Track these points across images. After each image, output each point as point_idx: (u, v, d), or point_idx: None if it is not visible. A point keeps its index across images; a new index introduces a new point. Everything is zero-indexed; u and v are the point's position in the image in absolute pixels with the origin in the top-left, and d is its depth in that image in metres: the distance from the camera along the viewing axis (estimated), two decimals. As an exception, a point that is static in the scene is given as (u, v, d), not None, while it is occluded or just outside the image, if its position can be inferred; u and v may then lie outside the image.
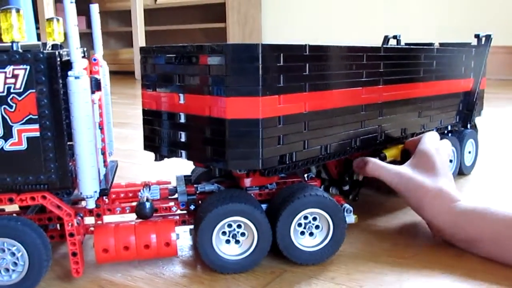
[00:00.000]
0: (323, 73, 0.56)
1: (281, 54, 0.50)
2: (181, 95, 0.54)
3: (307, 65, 0.53)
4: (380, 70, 0.64)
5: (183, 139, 0.54)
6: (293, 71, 0.52)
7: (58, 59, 0.47)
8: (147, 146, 0.60)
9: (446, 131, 0.87)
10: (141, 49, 0.58)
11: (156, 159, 0.59)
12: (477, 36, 0.87)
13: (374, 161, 0.64)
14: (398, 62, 0.67)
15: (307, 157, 0.55)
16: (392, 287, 0.51)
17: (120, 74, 3.34)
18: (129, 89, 2.62)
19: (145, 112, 0.59)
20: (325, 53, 0.56)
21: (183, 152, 0.55)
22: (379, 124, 0.65)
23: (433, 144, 0.66)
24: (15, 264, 0.49)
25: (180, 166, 0.96)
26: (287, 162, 0.53)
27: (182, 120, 0.54)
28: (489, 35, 0.86)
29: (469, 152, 0.91)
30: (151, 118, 0.58)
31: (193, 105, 0.53)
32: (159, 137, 0.57)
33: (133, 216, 0.57)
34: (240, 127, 0.49)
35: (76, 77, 0.47)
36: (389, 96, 0.66)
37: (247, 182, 0.57)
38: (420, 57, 0.72)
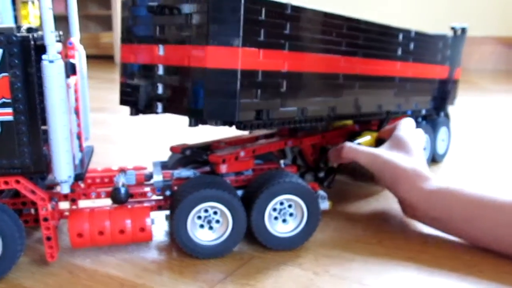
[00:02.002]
0: (304, 35, 0.56)
1: (263, 9, 0.50)
2: (161, 46, 0.54)
3: (288, 24, 0.53)
4: (359, 42, 0.64)
5: (160, 91, 0.54)
6: (274, 28, 0.52)
7: (33, 42, 0.46)
8: (123, 101, 0.59)
9: (420, 118, 0.88)
10: (123, 2, 0.58)
11: (131, 114, 0.59)
12: (453, 28, 0.88)
13: (349, 144, 0.65)
14: (377, 38, 0.68)
15: (284, 116, 0.55)
16: (358, 272, 0.51)
17: (100, 58, 3.30)
18: (108, 73, 2.58)
19: (123, 66, 0.59)
20: (307, 16, 0.56)
21: (160, 105, 0.54)
22: (356, 96, 0.66)
23: (408, 130, 0.67)
24: (-12, 248, 0.48)
25: (157, 152, 0.95)
26: (263, 118, 0.53)
27: (161, 72, 0.54)
28: (465, 28, 0.87)
29: (442, 140, 0.92)
30: (129, 71, 0.58)
31: (173, 56, 0.52)
32: (136, 90, 0.57)
33: (108, 201, 0.57)
34: (218, 77, 0.49)
35: (50, 61, 0.46)
36: (367, 69, 0.67)
37: (223, 168, 0.57)
38: (398, 36, 0.72)
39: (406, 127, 0.67)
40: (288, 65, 0.54)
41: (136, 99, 0.57)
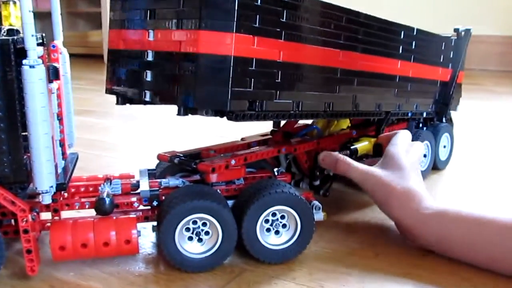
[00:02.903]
0: (301, 25, 0.56)
1: None
2: (151, 31, 0.53)
3: (285, 11, 0.53)
4: (359, 36, 0.64)
5: (149, 78, 0.54)
6: (270, 14, 0.52)
7: (12, 46, 0.46)
8: (110, 90, 0.59)
9: (420, 124, 0.88)
10: None
11: (117, 103, 0.59)
12: (456, 30, 0.88)
13: (342, 158, 0.65)
14: (377, 33, 0.68)
15: (278, 109, 0.55)
16: (355, 288, 0.51)
17: (89, 57, 3.29)
18: (97, 74, 2.58)
19: (110, 53, 0.59)
20: (305, 5, 0.56)
21: (148, 93, 0.54)
22: (354, 93, 0.66)
23: (403, 145, 0.66)
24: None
25: (145, 159, 0.95)
26: (257, 110, 0.53)
27: (150, 58, 0.54)
28: (469, 29, 0.87)
29: (444, 147, 0.92)
30: (116, 58, 0.58)
31: (163, 41, 0.52)
32: (123, 78, 0.57)
33: (93, 211, 0.56)
34: (211, 63, 0.49)
35: (31, 66, 0.46)
36: (366, 66, 0.67)
37: (213, 177, 0.57)
38: (400, 33, 0.72)
39: (401, 142, 0.67)
40: (283, 55, 0.54)
41: (124, 87, 0.57)
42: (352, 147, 0.71)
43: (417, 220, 0.58)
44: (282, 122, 0.74)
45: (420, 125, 0.88)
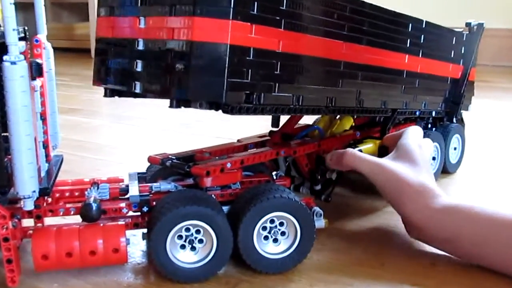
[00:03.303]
0: (302, 13, 0.56)
1: None
2: (142, 18, 0.53)
3: None
4: (363, 28, 0.65)
5: (139, 69, 0.54)
6: (269, 1, 0.52)
7: (-8, 40, 0.46)
8: (97, 80, 0.59)
9: (429, 125, 0.88)
10: None
11: (105, 95, 0.59)
12: (468, 24, 0.89)
13: (351, 151, 0.65)
14: (383, 25, 0.68)
15: (277, 102, 0.55)
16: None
17: (75, 51, 3.29)
18: (84, 69, 2.58)
19: (98, 41, 0.59)
20: None
21: (138, 84, 0.54)
22: (358, 88, 0.66)
23: (415, 139, 0.67)
24: None
25: (135, 161, 0.95)
26: (254, 103, 0.53)
27: (141, 46, 0.54)
28: (481, 24, 0.88)
29: (455, 149, 0.92)
30: (104, 47, 0.58)
31: (155, 29, 0.52)
32: (111, 68, 0.57)
33: (78, 218, 0.57)
34: (206, 51, 0.49)
35: (12, 63, 0.46)
36: (371, 59, 0.67)
37: (208, 181, 0.57)
38: (407, 26, 0.73)
39: (413, 136, 0.67)
40: (283, 45, 0.54)
41: (112, 79, 0.57)
42: (356, 149, 0.71)
43: (426, 215, 0.59)
44: (281, 123, 0.74)
45: (429, 125, 0.89)
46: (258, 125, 0.68)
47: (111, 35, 0.57)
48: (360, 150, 0.71)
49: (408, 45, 0.73)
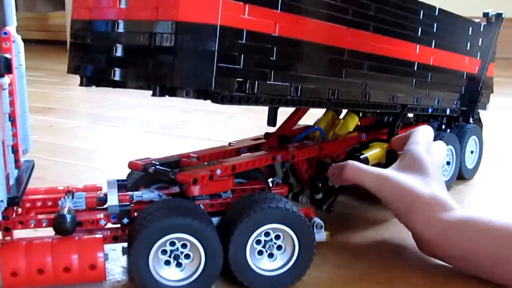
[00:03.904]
0: None
1: None
2: None
3: None
4: (370, 12, 0.65)
5: (119, 54, 0.54)
6: None
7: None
8: (72, 68, 0.60)
9: (443, 126, 0.88)
10: None
11: (81, 84, 0.59)
12: (485, 14, 0.89)
13: (351, 163, 0.65)
14: (392, 11, 0.68)
15: (273, 92, 0.56)
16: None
17: (49, 44, 3.30)
18: (59, 64, 2.58)
19: (74, 24, 0.59)
20: None
21: (118, 71, 0.54)
22: (364, 80, 0.66)
23: (423, 143, 0.67)
24: None
25: (114, 168, 0.95)
26: (247, 92, 0.53)
27: (121, 29, 0.54)
28: (500, 14, 0.88)
29: (471, 152, 0.92)
30: (81, 31, 0.58)
31: (137, 9, 0.52)
32: (88, 54, 0.57)
33: (51, 230, 0.57)
34: (193, 33, 0.49)
35: (-23, 58, 0.46)
36: (379, 48, 0.68)
37: (195, 190, 0.57)
38: (418, 13, 0.73)
39: (422, 139, 0.67)
40: (280, 29, 0.55)
41: (89, 65, 0.57)
42: (361, 156, 0.71)
43: (438, 230, 0.59)
44: (279, 123, 0.74)
45: (443, 126, 0.89)
46: (252, 126, 0.68)
47: (89, 17, 0.57)
48: (366, 158, 0.71)
49: (419, 34, 0.74)
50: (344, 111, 0.80)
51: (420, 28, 0.74)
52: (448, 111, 0.86)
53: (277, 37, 0.54)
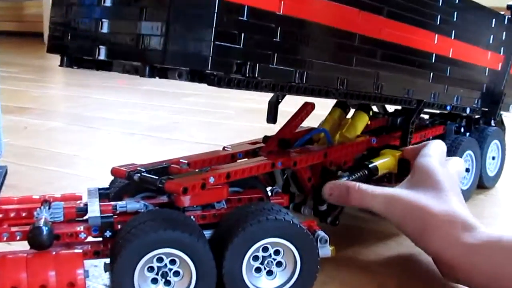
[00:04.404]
0: None
1: None
2: None
3: None
4: None
5: (105, 30, 0.54)
6: None
7: None
8: (52, 47, 0.59)
9: (462, 128, 0.88)
10: None
11: (62, 64, 0.59)
12: (510, 7, 0.89)
13: (356, 187, 0.65)
14: None
15: (275, 77, 0.56)
16: None
17: (24, 36, 3.30)
18: (35, 58, 2.59)
19: None
20: None
21: (103, 49, 0.54)
22: (376, 70, 0.67)
23: (435, 155, 0.67)
24: None
25: (96, 175, 0.95)
26: (247, 75, 0.53)
27: (108, 2, 0.54)
28: None
29: (493, 158, 0.92)
30: (62, 5, 0.58)
31: None
32: (71, 31, 0.57)
33: (26, 244, 0.57)
34: (187, 6, 0.49)
35: None
36: (394, 36, 0.68)
37: (186, 200, 0.57)
38: None
39: (434, 151, 0.67)
40: (285, 7, 0.55)
41: (71, 43, 0.57)
42: (370, 165, 0.71)
43: (461, 252, 0.58)
44: (280, 124, 0.74)
45: (462, 129, 0.89)
46: (250, 128, 0.68)
47: None
48: (375, 167, 0.71)
49: (438, 23, 0.74)
50: (352, 111, 0.80)
51: (439, 16, 0.74)
52: (468, 111, 0.86)
53: (281, 16, 0.55)
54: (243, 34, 0.52)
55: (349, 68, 0.63)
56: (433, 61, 0.75)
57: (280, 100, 0.81)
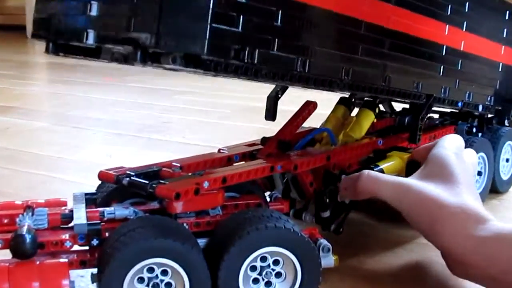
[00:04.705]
0: None
1: None
2: None
3: None
4: None
5: (94, 13, 0.54)
6: None
7: None
8: (37, 32, 0.59)
9: (474, 129, 0.88)
10: None
11: (47, 51, 0.59)
12: None
13: (367, 172, 0.65)
14: None
15: (276, 65, 0.56)
16: None
17: (5, 29, 3.30)
18: (17, 53, 2.59)
19: None
20: None
21: (92, 33, 0.54)
22: (384, 61, 0.67)
23: (452, 148, 0.67)
24: None
25: (82, 179, 0.95)
26: (246, 61, 0.53)
27: None
28: None
29: (507, 161, 0.93)
30: None
31: None
32: (57, 14, 0.57)
33: (8, 253, 0.57)
34: None
35: None
36: (402, 25, 0.68)
37: (178, 206, 0.57)
38: None
39: (451, 144, 0.68)
40: None
41: (58, 27, 0.57)
42: (376, 169, 0.71)
43: (470, 246, 0.59)
44: (279, 124, 0.74)
45: (474, 129, 0.89)
46: (247, 129, 0.68)
47: None
48: (381, 170, 0.71)
49: (449, 13, 0.74)
50: (356, 109, 0.80)
51: (450, 6, 0.74)
52: (480, 109, 0.86)
53: None
54: (241, 17, 0.51)
55: (355, 58, 0.63)
56: (444, 53, 0.75)
57: (279, 96, 0.81)
